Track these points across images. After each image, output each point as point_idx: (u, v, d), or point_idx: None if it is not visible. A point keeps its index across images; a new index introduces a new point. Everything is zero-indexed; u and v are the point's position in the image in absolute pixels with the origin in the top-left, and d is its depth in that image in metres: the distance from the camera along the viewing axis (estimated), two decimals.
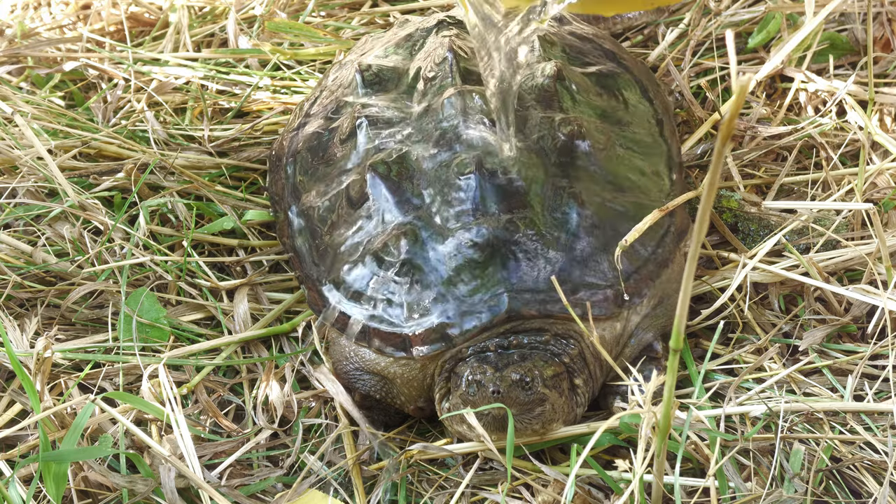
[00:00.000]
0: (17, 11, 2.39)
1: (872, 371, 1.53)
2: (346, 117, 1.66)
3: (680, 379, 1.52)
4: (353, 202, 1.55)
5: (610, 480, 1.35)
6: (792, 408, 1.42)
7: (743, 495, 1.33)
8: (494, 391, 1.34)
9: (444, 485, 1.42)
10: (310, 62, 2.16)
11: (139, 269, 1.71)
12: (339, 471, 1.44)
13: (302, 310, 1.67)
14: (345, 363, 1.51)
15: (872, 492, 1.35)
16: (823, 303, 1.62)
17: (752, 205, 1.74)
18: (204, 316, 1.69)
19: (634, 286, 1.47)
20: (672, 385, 1.13)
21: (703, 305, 1.61)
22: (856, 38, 2.04)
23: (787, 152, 1.88)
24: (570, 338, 1.44)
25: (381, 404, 1.51)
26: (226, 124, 2.00)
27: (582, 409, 1.44)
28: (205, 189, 1.82)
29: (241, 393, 1.58)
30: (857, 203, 1.65)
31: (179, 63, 2.14)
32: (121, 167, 1.84)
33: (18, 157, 1.81)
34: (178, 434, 1.40)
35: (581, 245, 1.47)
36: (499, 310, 1.42)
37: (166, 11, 2.31)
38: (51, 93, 2.11)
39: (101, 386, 1.54)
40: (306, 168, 1.67)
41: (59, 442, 1.37)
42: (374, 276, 1.48)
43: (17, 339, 1.56)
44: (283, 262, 1.77)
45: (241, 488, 1.41)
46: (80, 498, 1.38)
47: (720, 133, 0.93)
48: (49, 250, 1.71)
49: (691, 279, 1.04)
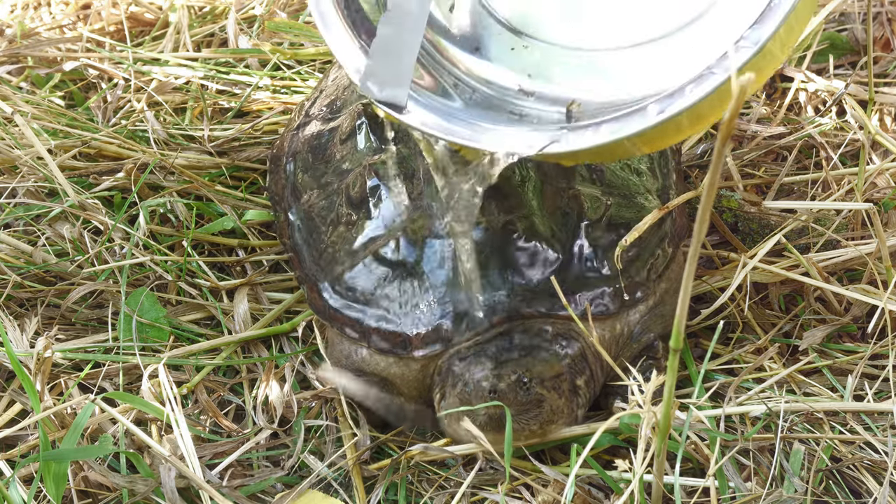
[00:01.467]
0: (17, 11, 2.39)
1: (872, 371, 1.53)
2: (347, 117, 1.66)
3: (680, 379, 1.52)
4: (353, 202, 1.55)
5: (610, 480, 1.35)
6: (792, 408, 1.42)
7: (743, 495, 1.33)
8: (491, 390, 1.34)
9: (444, 485, 1.42)
10: (310, 62, 2.16)
11: (139, 269, 1.71)
12: (340, 471, 1.44)
13: (302, 310, 1.67)
14: (345, 364, 1.51)
15: (872, 492, 1.35)
16: (823, 303, 1.62)
17: (752, 205, 1.74)
18: (204, 316, 1.69)
19: (634, 286, 1.47)
20: (672, 385, 1.13)
21: (703, 305, 1.61)
22: (856, 37, 2.04)
23: (787, 152, 1.88)
24: (572, 338, 1.44)
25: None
26: (226, 124, 2.00)
27: (583, 409, 1.44)
28: (205, 189, 1.82)
29: (241, 393, 1.58)
30: (857, 203, 1.65)
31: (179, 63, 2.14)
32: (121, 167, 1.84)
33: (18, 157, 1.81)
34: (178, 434, 1.40)
35: (580, 245, 1.47)
36: (499, 310, 1.42)
37: (166, 11, 2.31)
38: (51, 93, 2.11)
39: (101, 386, 1.54)
40: (306, 168, 1.67)
41: (59, 442, 1.37)
42: (374, 275, 1.48)
43: (17, 339, 1.56)
44: (283, 262, 1.77)
45: (242, 488, 1.41)
46: (80, 498, 1.38)
47: (720, 133, 0.93)
48: (49, 250, 1.71)
49: (691, 279, 1.04)
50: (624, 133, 1.22)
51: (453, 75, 1.45)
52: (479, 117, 1.37)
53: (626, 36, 1.43)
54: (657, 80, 1.33)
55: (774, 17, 1.18)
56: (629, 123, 1.22)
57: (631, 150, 1.28)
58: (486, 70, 1.47)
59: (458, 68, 1.46)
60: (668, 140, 1.36)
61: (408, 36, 1.35)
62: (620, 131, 1.22)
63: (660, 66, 1.39)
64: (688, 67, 1.25)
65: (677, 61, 1.38)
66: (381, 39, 1.34)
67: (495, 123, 1.35)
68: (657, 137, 1.25)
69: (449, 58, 1.47)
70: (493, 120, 1.38)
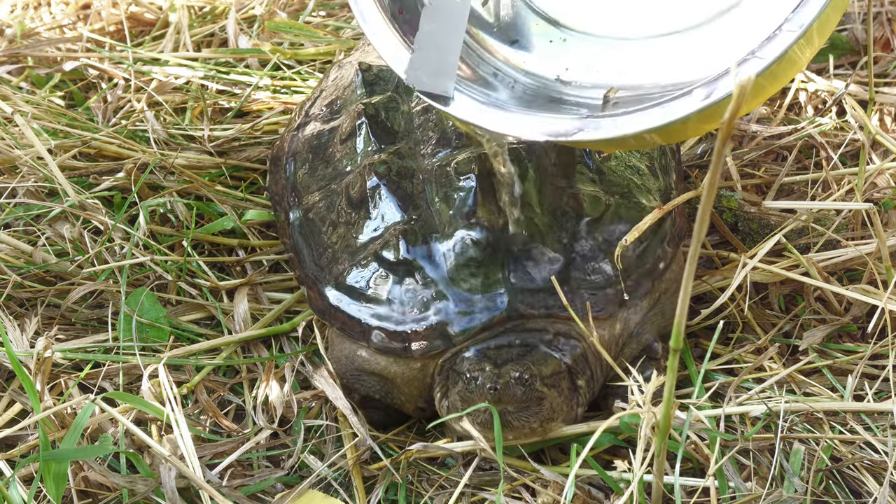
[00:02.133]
0: (17, 11, 2.39)
1: (872, 371, 1.53)
2: (347, 117, 1.66)
3: (680, 379, 1.52)
4: (354, 202, 1.55)
5: (610, 480, 1.35)
6: (792, 408, 1.42)
7: (743, 495, 1.33)
8: (492, 388, 1.34)
9: (444, 485, 1.42)
10: (310, 62, 2.16)
11: (139, 269, 1.71)
12: (340, 471, 1.44)
13: (302, 310, 1.67)
14: (345, 363, 1.51)
15: (872, 492, 1.35)
16: (823, 303, 1.62)
17: (752, 205, 1.74)
18: (204, 316, 1.69)
19: (634, 286, 1.47)
20: (672, 385, 1.13)
21: (703, 305, 1.61)
22: (856, 37, 2.04)
23: (787, 152, 1.88)
24: (573, 338, 1.44)
25: (381, 405, 1.51)
26: (226, 124, 2.00)
27: (582, 409, 1.44)
28: (205, 189, 1.82)
29: (241, 393, 1.58)
30: (857, 203, 1.65)
31: (179, 63, 2.14)
32: (121, 167, 1.84)
33: (18, 156, 1.81)
34: (178, 434, 1.40)
35: (581, 245, 1.47)
36: (499, 309, 1.42)
37: (166, 11, 2.31)
38: (51, 93, 2.11)
39: (101, 386, 1.54)
40: (306, 168, 1.67)
41: (59, 442, 1.37)
42: (375, 275, 1.48)
43: (17, 339, 1.56)
44: (283, 262, 1.77)
45: (242, 488, 1.41)
46: (80, 498, 1.38)
47: (720, 133, 0.93)
48: (49, 250, 1.71)
49: (691, 279, 1.04)
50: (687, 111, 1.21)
51: (492, 66, 1.46)
52: (521, 106, 1.38)
53: (662, 24, 1.43)
54: (696, 68, 1.34)
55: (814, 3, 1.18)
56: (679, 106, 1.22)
57: (685, 132, 1.28)
58: (524, 60, 1.48)
59: (496, 58, 1.47)
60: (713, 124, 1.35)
61: (451, 29, 1.37)
62: (672, 114, 1.22)
63: (698, 54, 1.39)
64: (726, 55, 1.24)
65: (715, 49, 1.37)
66: (424, 33, 1.35)
67: (537, 111, 1.36)
68: (713, 116, 1.24)
69: (488, 48, 1.48)
70: (535, 107, 1.39)
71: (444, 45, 1.36)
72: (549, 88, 1.45)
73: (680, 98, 1.22)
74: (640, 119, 1.24)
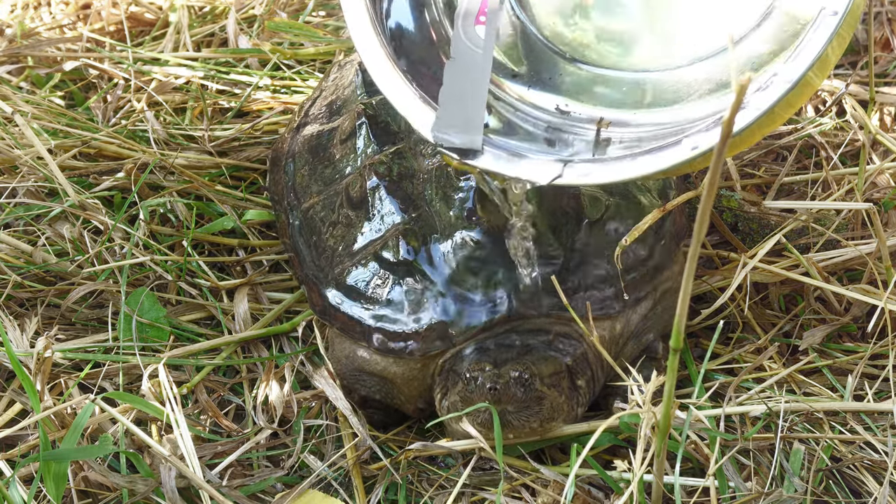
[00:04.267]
0: (17, 11, 2.39)
1: (872, 371, 1.53)
2: (347, 117, 1.66)
3: (680, 379, 1.52)
4: (353, 202, 1.55)
5: (610, 480, 1.35)
6: (792, 407, 1.42)
7: (743, 495, 1.33)
8: (492, 388, 1.34)
9: (444, 485, 1.42)
10: (310, 62, 2.16)
11: (139, 269, 1.71)
12: (339, 471, 1.44)
13: (302, 310, 1.67)
14: (345, 363, 1.51)
15: (872, 492, 1.35)
16: (823, 303, 1.62)
17: (752, 205, 1.74)
18: (204, 316, 1.69)
19: (634, 286, 1.47)
20: (672, 385, 1.13)
21: (703, 305, 1.61)
22: (856, 37, 2.04)
23: (787, 152, 1.88)
24: (573, 338, 1.44)
25: (381, 405, 1.51)
26: (226, 124, 2.00)
27: (583, 408, 1.44)
28: (205, 189, 1.82)
29: (241, 393, 1.58)
30: (857, 203, 1.65)
31: (179, 63, 2.14)
32: (121, 167, 1.84)
33: (18, 156, 1.81)
34: (178, 434, 1.40)
35: (581, 245, 1.47)
36: (499, 309, 1.42)
37: (166, 11, 2.31)
38: (51, 93, 2.11)
39: (101, 386, 1.54)
40: (306, 168, 1.67)
41: (59, 442, 1.37)
42: (375, 275, 1.48)
43: (17, 339, 1.56)
44: (283, 262, 1.77)
45: (242, 488, 1.41)
46: (80, 498, 1.38)
47: (720, 133, 0.93)
48: (49, 250, 1.71)
49: (691, 279, 1.04)
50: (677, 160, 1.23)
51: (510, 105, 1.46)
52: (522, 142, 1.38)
53: (665, 59, 1.43)
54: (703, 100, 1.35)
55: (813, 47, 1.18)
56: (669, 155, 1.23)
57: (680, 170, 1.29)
58: (524, 93, 1.47)
59: (509, 95, 1.47)
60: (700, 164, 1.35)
61: (475, 82, 1.35)
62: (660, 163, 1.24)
63: (703, 83, 1.39)
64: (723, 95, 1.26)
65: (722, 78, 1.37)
66: (448, 88, 1.33)
67: (535, 146, 1.37)
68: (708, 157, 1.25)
69: (503, 88, 1.47)
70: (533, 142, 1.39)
71: (468, 98, 1.34)
72: (549, 122, 1.45)
73: (670, 148, 1.23)
74: (629, 167, 1.25)
